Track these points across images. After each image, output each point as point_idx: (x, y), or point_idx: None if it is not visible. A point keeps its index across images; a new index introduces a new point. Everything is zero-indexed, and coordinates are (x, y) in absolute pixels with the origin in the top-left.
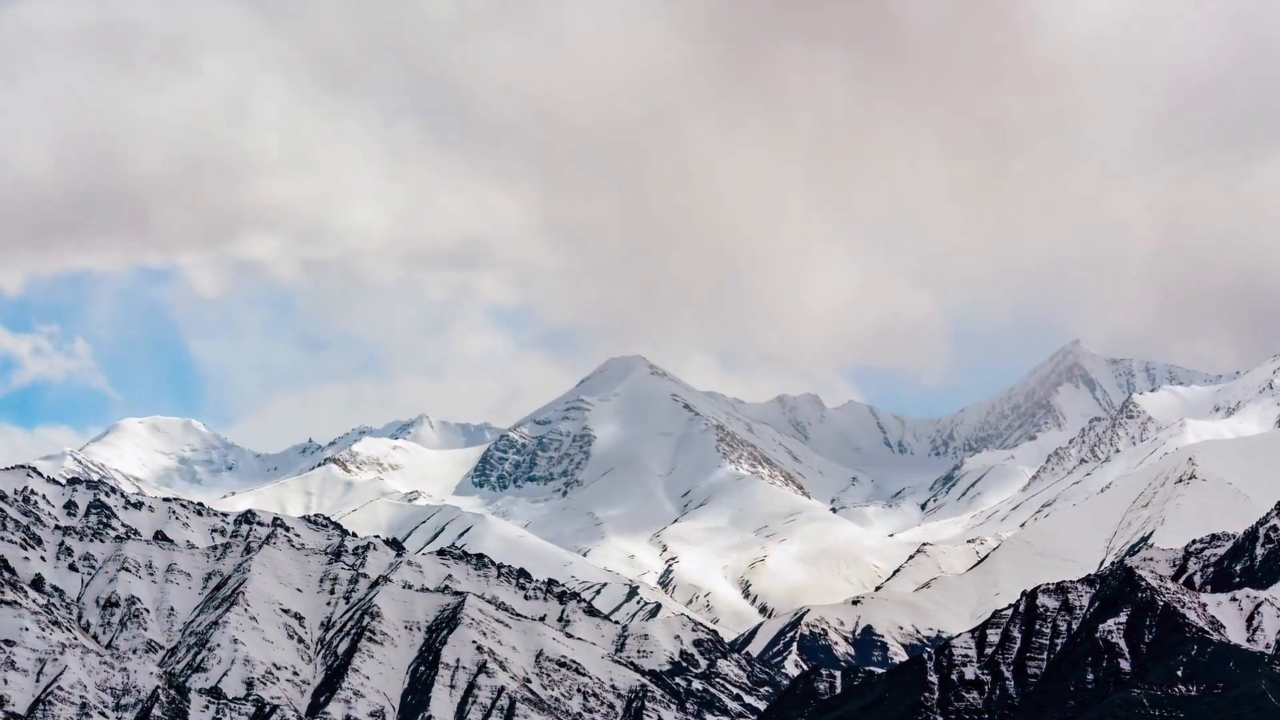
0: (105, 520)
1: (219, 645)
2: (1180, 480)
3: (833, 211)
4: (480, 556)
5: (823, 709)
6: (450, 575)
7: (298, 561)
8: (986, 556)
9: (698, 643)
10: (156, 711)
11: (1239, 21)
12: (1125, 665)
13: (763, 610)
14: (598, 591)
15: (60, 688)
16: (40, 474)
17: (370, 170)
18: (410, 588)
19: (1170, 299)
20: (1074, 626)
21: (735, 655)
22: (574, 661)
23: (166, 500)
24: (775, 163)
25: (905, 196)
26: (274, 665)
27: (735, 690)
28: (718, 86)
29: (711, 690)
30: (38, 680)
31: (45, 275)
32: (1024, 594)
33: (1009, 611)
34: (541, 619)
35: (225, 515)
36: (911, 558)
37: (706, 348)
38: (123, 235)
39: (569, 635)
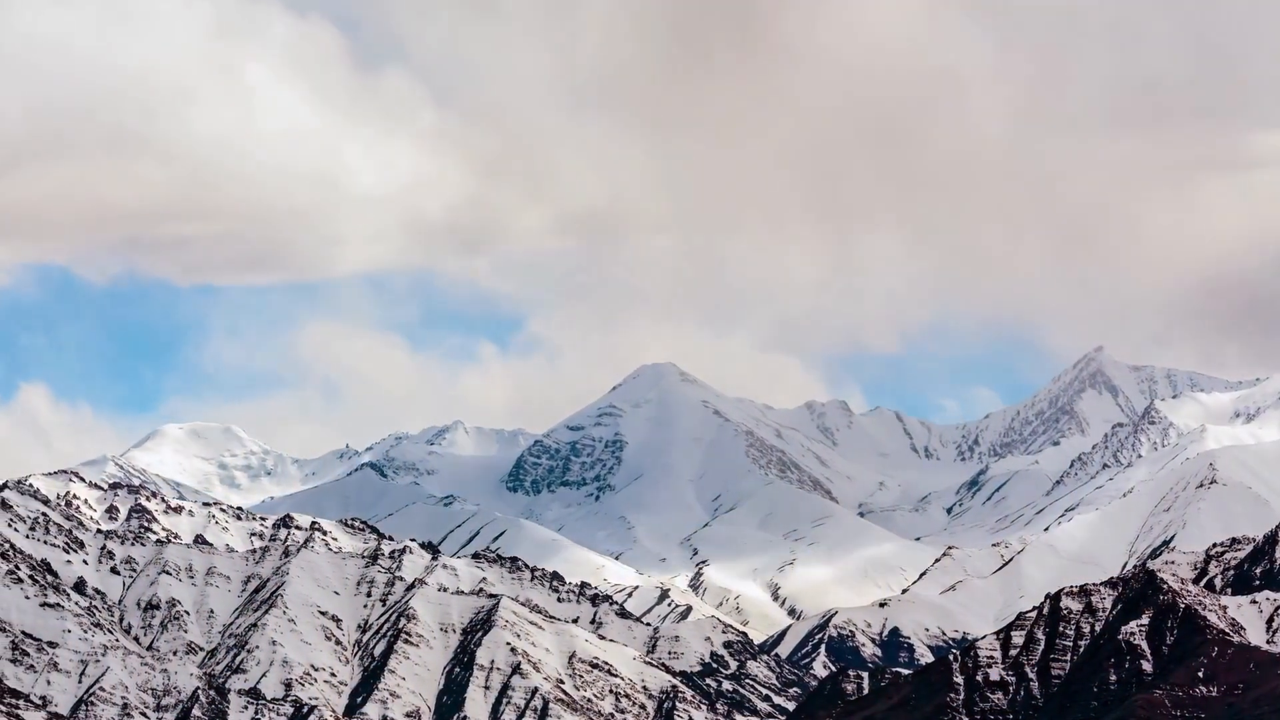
0: (146, 524)
1: (258, 647)
2: (1201, 485)
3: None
4: (514, 560)
5: (850, 709)
6: (485, 578)
7: (335, 565)
8: (1011, 560)
9: (728, 644)
10: (196, 712)
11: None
12: (1147, 666)
13: (791, 612)
14: (629, 594)
15: (102, 688)
16: (82, 479)
17: (369, 147)
18: (445, 590)
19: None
20: (1097, 628)
21: (764, 657)
22: (606, 663)
23: (206, 505)
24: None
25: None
26: (312, 666)
27: (765, 691)
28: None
29: (741, 691)
30: (80, 681)
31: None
32: (1048, 596)
33: (1033, 614)
34: (574, 621)
35: (264, 519)
36: (937, 561)
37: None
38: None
39: (601, 637)
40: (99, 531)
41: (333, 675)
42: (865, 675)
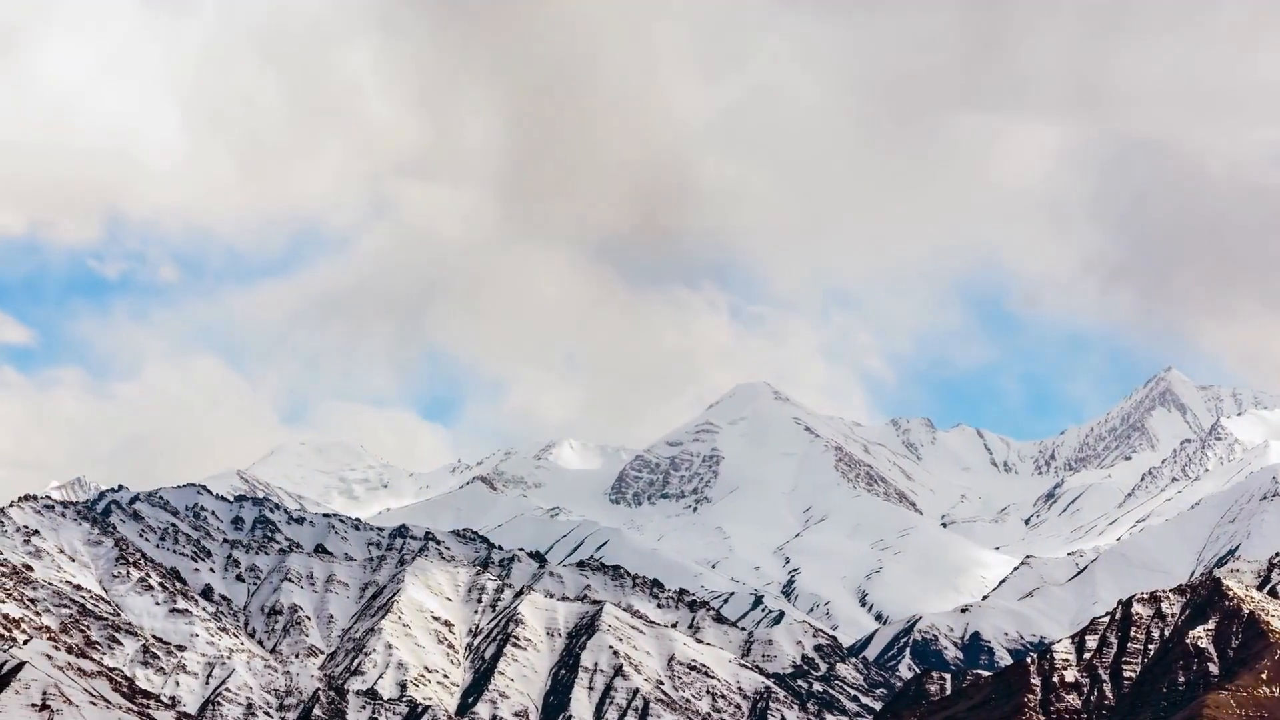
0: (269, 534)
1: (375, 650)
2: (1265, 497)
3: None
4: (617, 568)
5: (934, 709)
6: (589, 585)
7: (447, 573)
8: (1085, 568)
9: (818, 648)
10: (317, 711)
11: None
12: (1213, 669)
13: (878, 618)
14: (725, 600)
15: (228, 689)
16: (209, 491)
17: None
18: (552, 597)
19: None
20: (1166, 633)
21: (853, 659)
22: (703, 665)
23: (326, 516)
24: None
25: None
26: (425, 669)
27: (853, 692)
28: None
29: (831, 692)
30: (207, 683)
31: None
32: (1120, 603)
33: (1106, 619)
34: (673, 626)
35: (380, 530)
36: (1016, 569)
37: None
38: None
39: (699, 641)
40: (225, 541)
41: (445, 677)
42: (948, 677)
